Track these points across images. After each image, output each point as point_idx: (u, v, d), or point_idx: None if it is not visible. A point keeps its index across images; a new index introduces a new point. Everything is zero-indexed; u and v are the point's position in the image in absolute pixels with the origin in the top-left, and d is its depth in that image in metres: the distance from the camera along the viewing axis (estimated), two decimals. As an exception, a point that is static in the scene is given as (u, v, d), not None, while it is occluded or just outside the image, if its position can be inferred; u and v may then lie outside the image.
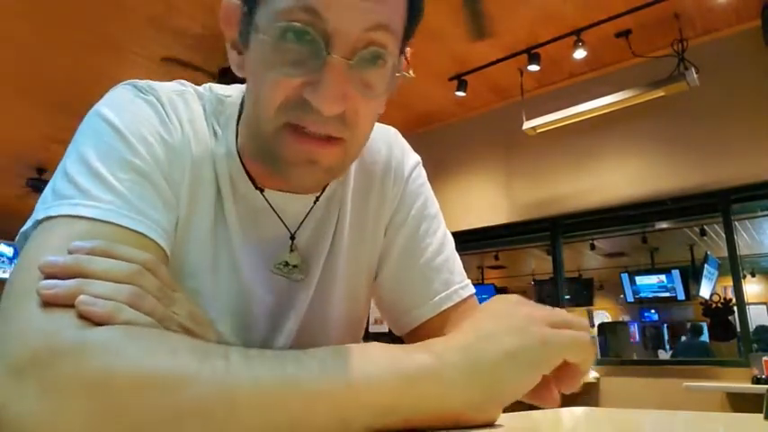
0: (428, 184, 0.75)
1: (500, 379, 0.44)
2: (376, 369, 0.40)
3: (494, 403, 0.44)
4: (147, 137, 0.53)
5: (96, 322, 0.38)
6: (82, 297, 0.38)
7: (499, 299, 0.51)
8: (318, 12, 0.47)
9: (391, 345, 0.44)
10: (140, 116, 0.55)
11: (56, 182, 0.49)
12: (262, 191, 0.61)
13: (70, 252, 0.42)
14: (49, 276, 0.40)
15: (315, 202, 0.64)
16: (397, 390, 0.40)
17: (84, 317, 0.38)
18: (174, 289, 0.46)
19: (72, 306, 0.38)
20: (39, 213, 0.46)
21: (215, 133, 0.61)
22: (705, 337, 6.67)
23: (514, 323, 0.45)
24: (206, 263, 0.58)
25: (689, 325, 6.81)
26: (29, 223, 0.47)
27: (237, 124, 0.61)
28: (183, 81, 0.63)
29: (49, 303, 0.38)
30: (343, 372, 0.39)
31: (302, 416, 0.37)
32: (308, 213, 0.64)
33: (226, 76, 3.98)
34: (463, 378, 0.43)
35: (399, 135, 0.75)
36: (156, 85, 0.59)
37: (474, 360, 0.43)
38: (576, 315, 0.49)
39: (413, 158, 0.74)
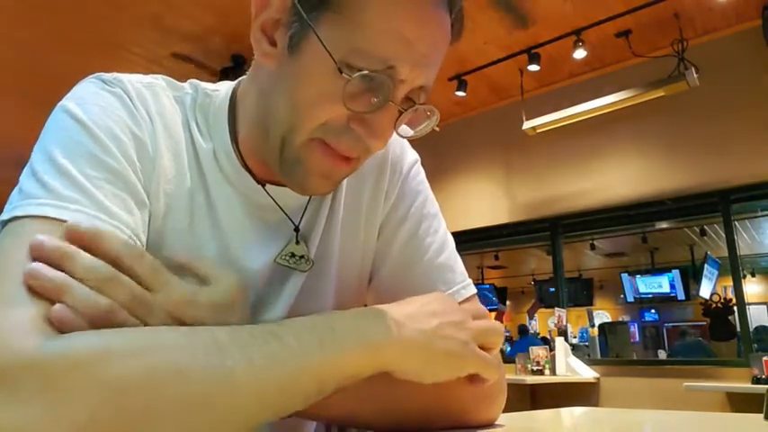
0: (427, 183, 0.74)
1: (437, 370, 0.51)
2: (345, 341, 0.46)
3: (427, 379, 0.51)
4: (115, 131, 0.52)
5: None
6: (57, 306, 0.38)
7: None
8: (394, 64, 0.50)
9: (353, 313, 0.50)
10: (108, 110, 0.53)
11: (22, 182, 0.48)
12: (263, 185, 0.61)
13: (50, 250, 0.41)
14: (35, 257, 0.40)
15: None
16: (363, 359, 0.47)
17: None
18: (156, 281, 0.44)
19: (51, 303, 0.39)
20: (4, 214, 0.45)
21: (198, 127, 0.60)
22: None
23: (459, 341, 0.53)
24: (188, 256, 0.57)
25: (681, 329, 6.83)
26: None
27: (231, 119, 0.61)
28: (155, 75, 0.62)
29: (32, 290, 0.38)
30: (320, 347, 0.44)
31: (289, 387, 0.42)
32: (306, 205, 0.65)
33: (227, 76, 3.98)
34: (417, 359, 0.50)
35: None
36: (124, 76, 0.58)
37: (425, 346, 0.50)
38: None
39: (412, 156, 0.74)
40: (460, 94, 4.42)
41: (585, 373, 4.03)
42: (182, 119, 0.60)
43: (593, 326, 6.98)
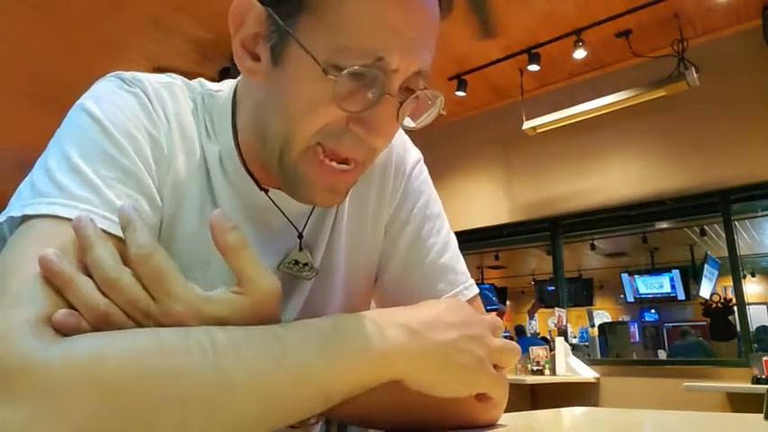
0: (430, 182, 0.74)
1: (450, 384, 0.49)
2: (353, 349, 0.43)
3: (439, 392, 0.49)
4: (131, 131, 0.52)
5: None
6: (60, 312, 0.38)
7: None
8: (382, 56, 0.48)
9: (364, 317, 0.47)
10: (125, 109, 0.53)
11: (34, 177, 0.48)
12: (266, 191, 0.60)
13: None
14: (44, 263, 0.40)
15: None
16: (372, 369, 0.44)
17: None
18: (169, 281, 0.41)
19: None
20: (15, 209, 0.45)
21: (206, 129, 0.60)
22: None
23: (476, 357, 0.50)
24: (197, 260, 0.57)
25: (682, 329, 6.83)
26: (2, 217, 0.46)
27: (233, 121, 0.60)
28: (172, 74, 0.62)
29: (40, 286, 0.39)
30: (325, 353, 0.42)
31: (290, 396, 0.40)
32: (311, 212, 0.64)
33: (227, 76, 3.98)
34: (430, 371, 0.48)
35: (401, 130, 0.75)
36: (143, 76, 0.58)
37: (442, 358, 0.48)
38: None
39: (414, 154, 0.73)
40: (460, 94, 4.42)
41: (585, 373, 4.03)
42: (195, 119, 0.60)
43: (593, 326, 6.98)
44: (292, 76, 0.50)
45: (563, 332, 4.32)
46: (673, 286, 7.75)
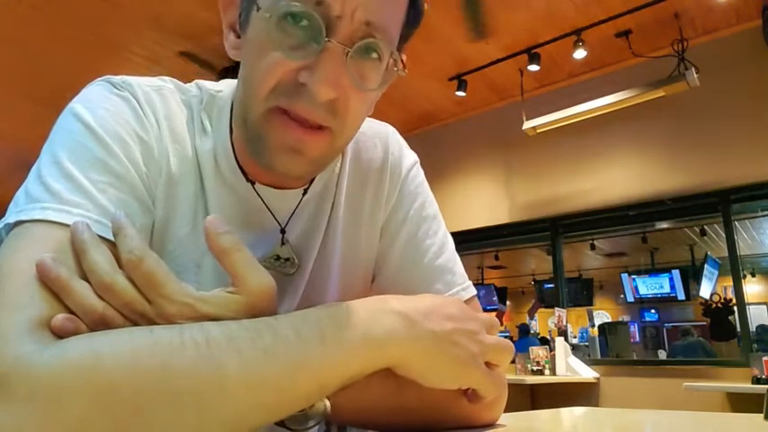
0: (426, 184, 0.74)
1: (442, 376, 0.50)
2: (348, 336, 0.43)
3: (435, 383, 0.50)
4: (122, 135, 0.52)
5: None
6: (58, 316, 0.38)
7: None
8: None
9: (359, 305, 0.47)
10: (115, 114, 0.53)
11: (28, 184, 0.48)
12: (253, 183, 0.60)
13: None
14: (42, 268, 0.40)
15: (303, 196, 0.63)
16: (369, 355, 0.44)
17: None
18: (162, 284, 0.41)
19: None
20: (10, 216, 0.46)
21: (203, 129, 0.60)
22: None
23: (470, 352, 0.50)
24: (190, 263, 0.57)
25: (683, 328, 6.83)
26: (0, 223, 0.47)
27: (231, 118, 0.60)
28: (164, 77, 0.62)
29: (36, 291, 0.39)
30: (319, 341, 0.42)
31: (286, 387, 0.40)
32: (297, 206, 0.64)
33: (227, 75, 3.97)
34: (423, 360, 0.48)
35: (397, 133, 0.74)
36: (132, 80, 0.58)
37: (435, 347, 0.48)
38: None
39: (410, 157, 0.74)
40: (460, 94, 4.43)
41: (585, 373, 4.03)
42: (188, 122, 0.60)
43: (593, 326, 6.99)
44: (252, 40, 0.53)
45: (563, 332, 4.32)
46: (672, 286, 7.76)
